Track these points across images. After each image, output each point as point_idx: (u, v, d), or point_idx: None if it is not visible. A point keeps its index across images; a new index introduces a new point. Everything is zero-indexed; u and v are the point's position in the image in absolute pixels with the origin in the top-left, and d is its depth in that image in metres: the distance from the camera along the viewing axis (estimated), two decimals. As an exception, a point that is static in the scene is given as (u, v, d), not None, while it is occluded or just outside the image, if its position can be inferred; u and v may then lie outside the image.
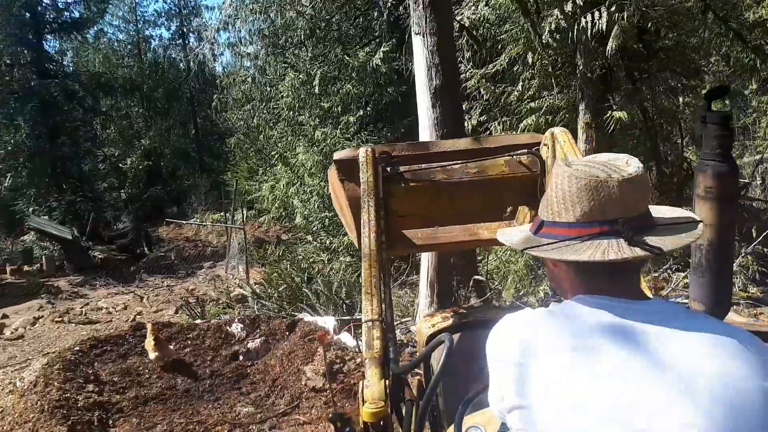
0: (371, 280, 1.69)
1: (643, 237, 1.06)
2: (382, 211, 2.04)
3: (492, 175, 2.18)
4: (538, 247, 1.17)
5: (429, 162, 2.23)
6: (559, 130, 2.03)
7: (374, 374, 1.39)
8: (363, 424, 1.28)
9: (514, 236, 1.28)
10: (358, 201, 2.05)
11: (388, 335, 1.55)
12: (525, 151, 2.17)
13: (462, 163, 2.19)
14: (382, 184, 2.14)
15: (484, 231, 2.36)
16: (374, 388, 1.34)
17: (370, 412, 1.27)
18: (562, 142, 1.95)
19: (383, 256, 1.90)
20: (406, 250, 4.15)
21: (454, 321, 2.41)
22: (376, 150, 2.19)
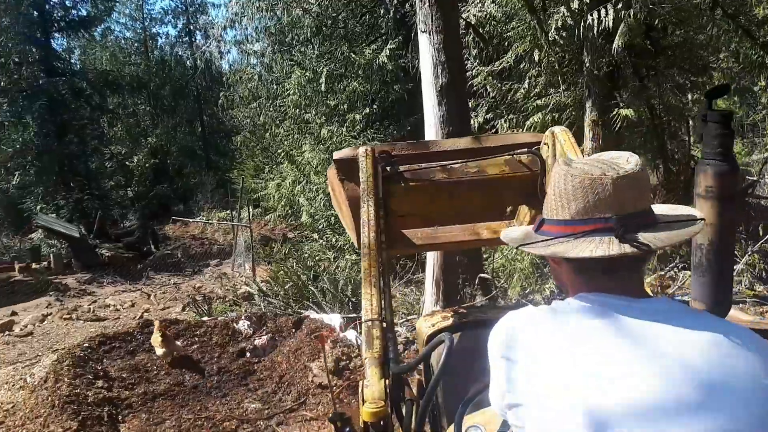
0: (371, 280, 1.68)
1: (637, 234, 1.05)
2: (382, 211, 2.03)
3: (492, 175, 2.17)
4: (532, 244, 1.18)
5: (429, 161, 2.22)
6: (559, 129, 2.01)
7: (374, 374, 1.39)
8: (363, 423, 1.28)
9: (515, 234, 1.29)
10: (358, 200, 2.04)
11: (388, 335, 1.54)
12: (525, 151, 2.15)
13: (462, 163, 2.18)
14: (382, 184, 2.12)
15: (484, 230, 2.35)
16: (374, 388, 1.34)
17: (370, 412, 1.27)
18: (563, 141, 1.94)
19: (383, 255, 1.90)
20: (406, 250, 4.14)
21: (454, 321, 2.40)
22: (375, 149, 2.18)
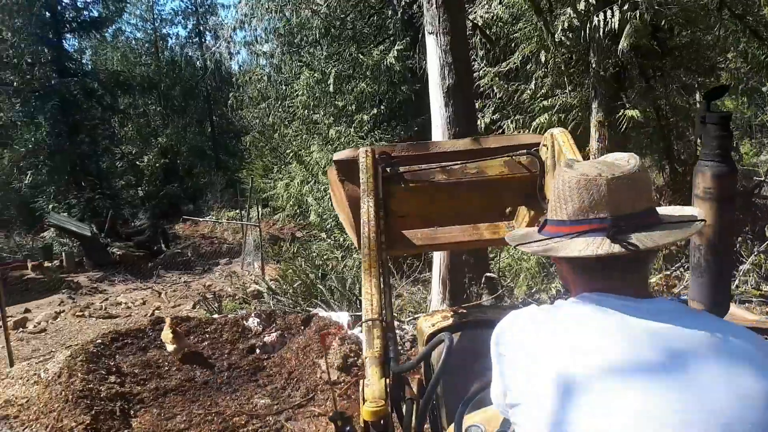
0: (371, 280, 1.68)
1: (630, 235, 1.05)
2: (382, 212, 2.02)
3: (491, 176, 2.17)
4: (527, 244, 1.20)
5: (428, 162, 2.22)
6: (558, 131, 2.01)
7: (374, 373, 1.39)
8: (363, 423, 1.28)
9: (518, 233, 1.31)
10: (358, 201, 2.03)
11: (388, 334, 1.54)
12: (524, 152, 2.15)
13: (461, 164, 2.17)
14: (382, 185, 2.12)
15: (484, 231, 2.36)
16: (374, 387, 1.33)
17: (371, 411, 1.27)
18: (562, 143, 1.94)
19: (383, 256, 1.90)
20: (406, 251, 4.13)
21: (454, 320, 2.40)
22: (375, 150, 2.18)
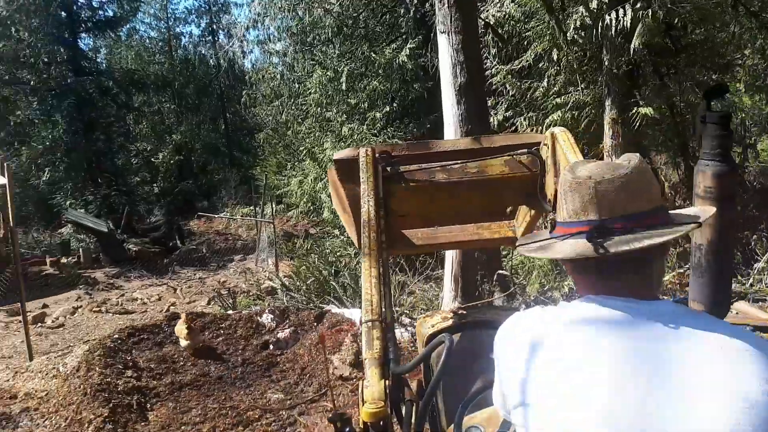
0: (371, 280, 1.66)
1: (613, 237, 1.05)
2: (382, 211, 2.00)
3: (492, 175, 2.15)
4: (525, 245, 1.22)
5: (429, 162, 2.20)
6: (559, 130, 1.99)
7: (374, 374, 1.38)
8: (363, 424, 1.28)
9: (531, 235, 1.32)
10: (358, 201, 2.02)
11: (388, 335, 1.53)
12: (525, 151, 2.13)
13: (462, 163, 2.16)
14: (382, 184, 2.10)
15: (484, 231, 2.38)
16: (374, 388, 1.33)
17: (370, 412, 1.26)
18: (562, 142, 1.92)
19: (383, 255, 1.89)
20: (406, 250, 4.13)
21: (454, 321, 2.40)
22: (375, 150, 2.17)
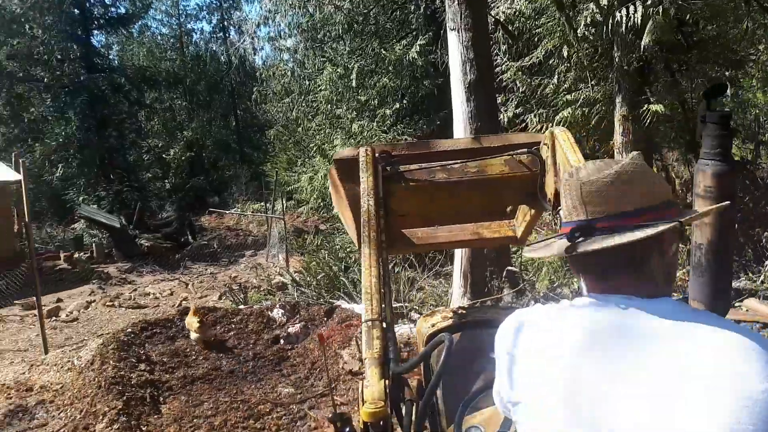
0: (371, 280, 1.66)
1: (594, 237, 1.05)
2: (382, 210, 2.01)
3: (492, 175, 2.15)
4: (532, 244, 1.24)
5: (429, 161, 2.20)
6: (559, 130, 1.99)
7: (374, 374, 1.37)
8: (362, 424, 1.28)
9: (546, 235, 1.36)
10: (358, 200, 2.02)
11: (387, 335, 1.53)
12: (524, 151, 2.13)
13: (462, 163, 2.16)
14: (382, 184, 2.10)
15: (484, 230, 2.39)
16: (374, 388, 1.33)
17: (370, 412, 1.26)
18: (562, 142, 1.92)
19: (383, 255, 1.90)
20: (406, 250, 4.13)
21: (454, 321, 2.41)
22: (375, 149, 2.18)
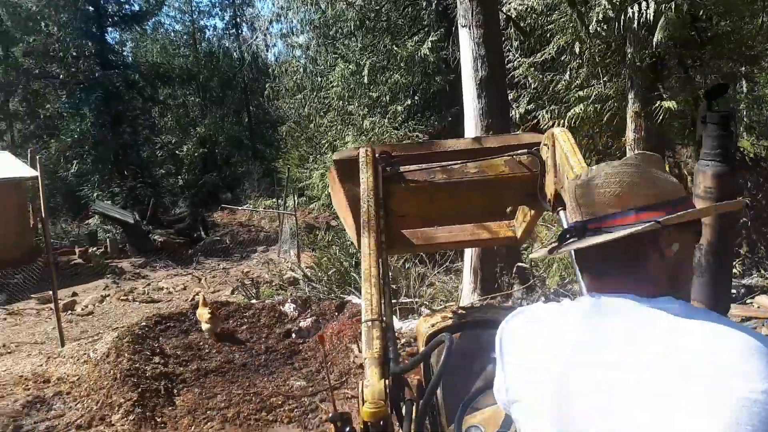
0: (371, 280, 1.66)
1: (584, 238, 1.07)
2: (382, 211, 2.01)
3: (492, 175, 2.15)
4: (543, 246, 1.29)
5: (429, 162, 2.20)
6: (559, 131, 2.00)
7: (374, 374, 1.38)
8: (363, 423, 1.28)
9: None
10: (358, 201, 2.02)
11: (387, 335, 1.54)
12: (525, 151, 2.13)
13: (462, 163, 2.16)
14: (382, 184, 2.11)
15: (484, 231, 2.40)
16: (374, 388, 1.33)
17: (370, 412, 1.27)
18: (563, 143, 1.93)
19: (383, 255, 1.91)
20: (406, 250, 4.15)
21: (454, 321, 2.41)
22: (375, 150, 2.19)
